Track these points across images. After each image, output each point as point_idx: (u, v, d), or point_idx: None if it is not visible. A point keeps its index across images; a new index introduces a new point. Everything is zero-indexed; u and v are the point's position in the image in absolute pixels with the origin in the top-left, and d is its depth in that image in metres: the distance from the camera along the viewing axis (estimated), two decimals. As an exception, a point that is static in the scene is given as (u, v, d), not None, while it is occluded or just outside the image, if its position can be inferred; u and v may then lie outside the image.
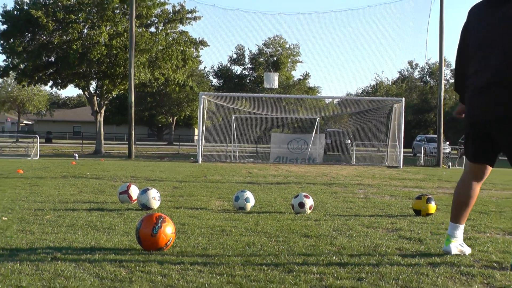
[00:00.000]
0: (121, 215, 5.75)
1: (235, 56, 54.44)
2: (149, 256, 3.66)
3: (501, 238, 4.73)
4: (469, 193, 3.76)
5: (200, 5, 35.58)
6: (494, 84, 3.34)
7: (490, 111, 3.38)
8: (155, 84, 30.70)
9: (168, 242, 4.00)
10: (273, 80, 27.03)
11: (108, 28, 26.56)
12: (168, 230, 4.01)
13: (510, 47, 3.31)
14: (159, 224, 4.00)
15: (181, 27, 29.30)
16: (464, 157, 3.90)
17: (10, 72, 28.59)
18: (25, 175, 11.60)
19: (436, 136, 26.49)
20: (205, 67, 59.42)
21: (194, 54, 30.70)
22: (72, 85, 29.95)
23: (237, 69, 55.10)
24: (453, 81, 52.52)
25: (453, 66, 33.27)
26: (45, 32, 26.39)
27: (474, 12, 3.64)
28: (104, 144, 30.40)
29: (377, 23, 48.88)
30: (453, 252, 3.79)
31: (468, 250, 3.89)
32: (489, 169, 3.75)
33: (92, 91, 29.22)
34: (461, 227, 3.81)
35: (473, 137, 3.64)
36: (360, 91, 57.14)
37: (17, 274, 3.04)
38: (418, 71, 56.01)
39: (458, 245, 3.85)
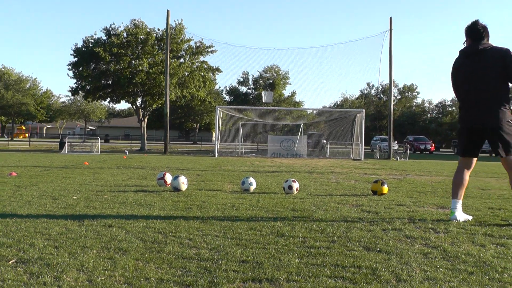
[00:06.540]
0: (159, 195, 6.00)
1: (241, 79, 63.88)
2: (178, 225, 3.98)
3: (435, 211, 5.11)
4: (462, 177, 4.24)
5: (215, 42, 39.63)
6: (478, 103, 4.09)
7: (480, 121, 4.06)
8: (183, 100, 34.03)
9: None
10: (269, 96, 30.26)
11: (149, 59, 30.14)
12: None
13: (482, 84, 4.06)
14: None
15: (202, 58, 32.57)
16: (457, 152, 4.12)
17: (79, 91, 32.52)
18: (89, 166, 12.27)
19: (387, 137, 29.07)
20: (219, 87, 64.09)
21: (212, 77, 33.64)
22: (124, 100, 33.38)
23: (243, 89, 64.22)
24: (399, 97, 62.15)
25: (400, 86, 42.01)
26: (104, 63, 30.08)
27: (455, 62, 4.34)
28: (147, 143, 33.28)
29: (344, 55, 56.35)
30: (459, 219, 4.08)
31: (469, 217, 4.16)
32: (475, 160, 4.23)
33: (138, 105, 32.65)
34: (460, 202, 4.18)
35: (466, 138, 4.20)
36: (332, 104, 67.82)
37: (83, 238, 3.43)
38: (374, 90, 66.03)
39: (460, 213, 4.13)
